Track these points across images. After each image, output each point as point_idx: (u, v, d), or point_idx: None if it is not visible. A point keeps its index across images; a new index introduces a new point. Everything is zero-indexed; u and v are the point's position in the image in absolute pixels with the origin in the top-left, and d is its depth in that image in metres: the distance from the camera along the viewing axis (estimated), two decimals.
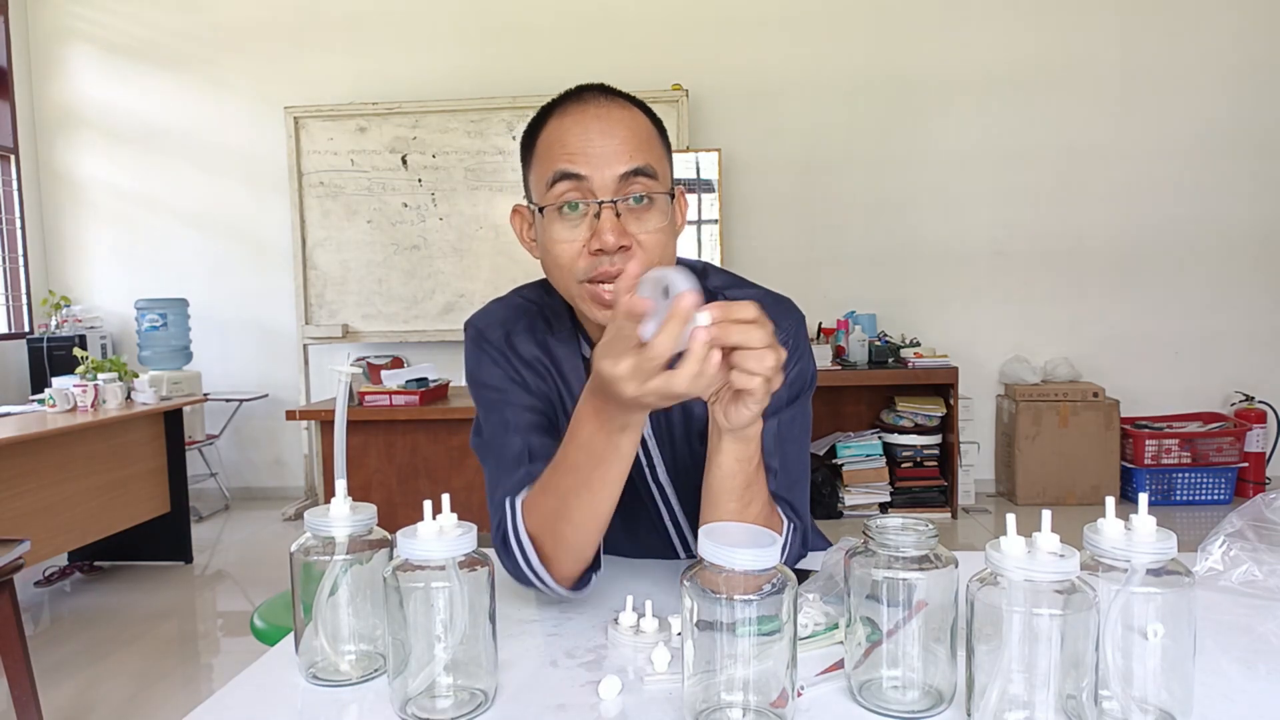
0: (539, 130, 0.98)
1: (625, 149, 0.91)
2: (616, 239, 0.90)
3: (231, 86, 5.08)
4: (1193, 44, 4.65)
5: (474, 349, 1.08)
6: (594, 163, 0.91)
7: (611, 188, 0.91)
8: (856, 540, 0.77)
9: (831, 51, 4.80)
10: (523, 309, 1.10)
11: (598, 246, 0.90)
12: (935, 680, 0.72)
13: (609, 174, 0.91)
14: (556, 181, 0.92)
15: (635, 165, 0.91)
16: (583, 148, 0.91)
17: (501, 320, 1.08)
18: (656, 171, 0.93)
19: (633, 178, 0.92)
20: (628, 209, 0.92)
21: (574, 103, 0.95)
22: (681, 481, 1.11)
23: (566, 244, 0.93)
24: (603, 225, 0.90)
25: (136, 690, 2.62)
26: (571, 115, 0.94)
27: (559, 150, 0.92)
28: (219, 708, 0.76)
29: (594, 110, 0.93)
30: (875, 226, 4.83)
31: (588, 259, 0.92)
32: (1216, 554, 0.99)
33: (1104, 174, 4.73)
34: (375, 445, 3.36)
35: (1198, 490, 4.49)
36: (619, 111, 0.94)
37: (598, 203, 0.91)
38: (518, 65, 4.90)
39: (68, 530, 3.29)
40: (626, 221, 0.91)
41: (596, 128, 0.92)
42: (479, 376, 1.07)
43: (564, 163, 0.91)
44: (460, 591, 0.71)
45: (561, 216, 0.93)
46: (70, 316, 5.06)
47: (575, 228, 0.93)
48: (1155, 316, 4.77)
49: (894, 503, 4.40)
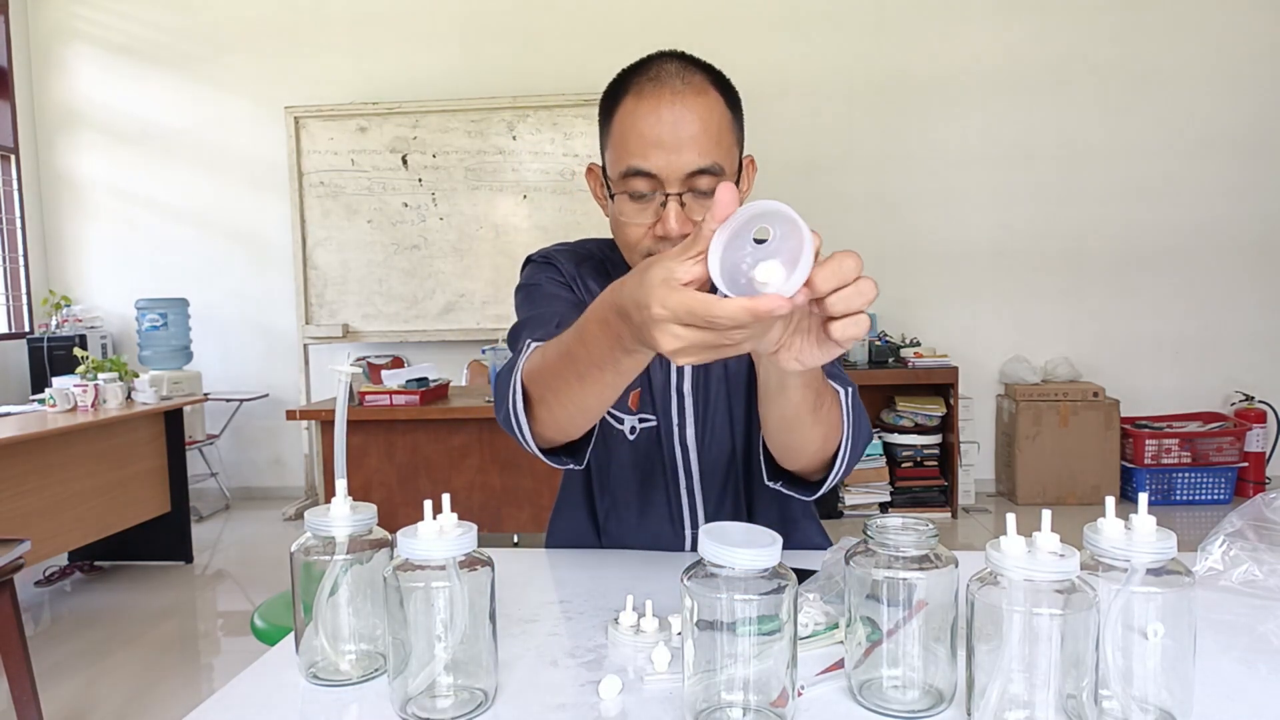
0: (616, 102, 1.00)
1: (696, 144, 0.95)
2: (680, 227, 0.95)
3: (231, 86, 5.08)
4: (1193, 44, 4.66)
5: (537, 270, 1.14)
6: (664, 157, 0.95)
7: (678, 181, 0.95)
8: (856, 540, 0.77)
9: (831, 51, 4.80)
10: (592, 254, 1.17)
11: (661, 233, 0.96)
12: (935, 680, 0.72)
13: (678, 169, 0.95)
14: (628, 175, 0.97)
15: (702, 164, 0.95)
16: (656, 139, 0.95)
17: (573, 256, 1.16)
18: (724, 168, 0.97)
19: (700, 175, 0.95)
20: (692, 198, 0.96)
21: (651, 83, 0.97)
22: (705, 446, 1.14)
23: (634, 226, 0.99)
24: (668, 214, 0.95)
25: (136, 690, 2.62)
26: (648, 99, 0.96)
27: (634, 140, 0.96)
28: (219, 708, 0.76)
29: (669, 96, 0.96)
30: (875, 226, 4.83)
31: (652, 240, 0.98)
32: (1216, 554, 0.99)
33: (1104, 174, 4.73)
34: (375, 445, 3.36)
35: (1198, 490, 4.49)
36: (692, 96, 0.96)
37: (665, 194, 0.96)
38: (518, 65, 4.90)
39: (68, 530, 3.29)
40: (691, 210, 0.96)
41: (669, 118, 0.95)
42: (536, 281, 1.12)
43: (637, 159, 0.96)
44: (460, 591, 0.71)
45: (631, 200, 0.98)
46: (70, 316, 5.06)
47: (642, 212, 0.98)
48: (1155, 316, 4.77)
49: (894, 502, 4.40)
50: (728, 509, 1.18)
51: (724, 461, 1.17)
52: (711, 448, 1.15)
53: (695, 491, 1.17)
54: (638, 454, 1.18)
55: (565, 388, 0.86)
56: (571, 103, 4.68)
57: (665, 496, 1.18)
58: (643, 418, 1.16)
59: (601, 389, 0.83)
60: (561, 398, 0.88)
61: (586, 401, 0.87)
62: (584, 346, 0.79)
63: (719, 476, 1.17)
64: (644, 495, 1.18)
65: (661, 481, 1.17)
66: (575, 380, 0.84)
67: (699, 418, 1.14)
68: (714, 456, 1.16)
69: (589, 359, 0.79)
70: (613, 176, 1.00)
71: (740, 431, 1.16)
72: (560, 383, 0.86)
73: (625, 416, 1.16)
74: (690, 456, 1.15)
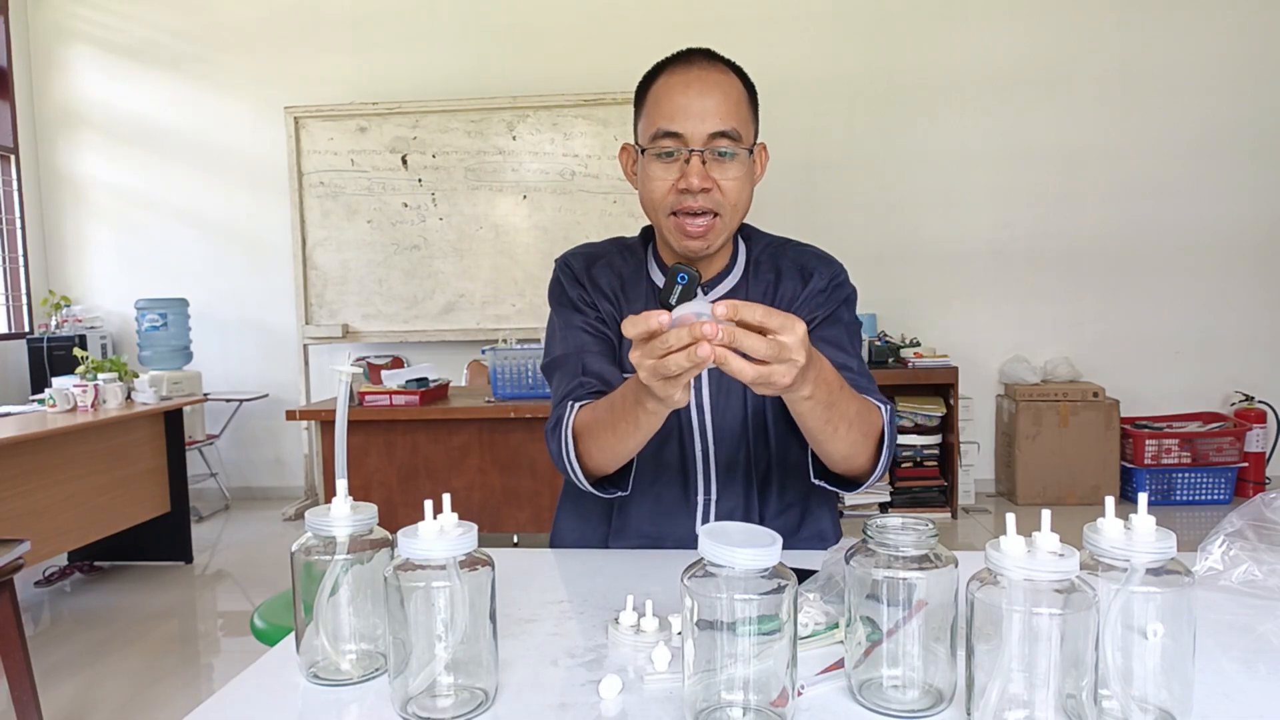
0: (650, 84, 1.15)
1: (718, 111, 1.10)
2: (700, 181, 1.09)
3: (231, 86, 5.08)
4: (1193, 44, 4.66)
5: (555, 289, 1.29)
6: (690, 121, 1.10)
7: (701, 141, 1.10)
8: (856, 540, 0.77)
9: (831, 51, 4.80)
10: (609, 246, 1.31)
11: (684, 186, 1.10)
12: (935, 680, 0.72)
13: (701, 130, 1.10)
14: (658, 137, 1.11)
15: (723, 128, 1.10)
16: (683, 106, 1.10)
17: (588, 253, 1.29)
18: (741, 135, 1.11)
19: (720, 137, 1.10)
20: (713, 159, 1.11)
21: (681, 65, 1.13)
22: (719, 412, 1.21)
23: (660, 181, 1.13)
24: (690, 169, 1.10)
25: (136, 690, 2.62)
26: (678, 75, 1.12)
27: (665, 106, 1.11)
28: (219, 708, 0.76)
29: (696, 73, 1.12)
30: (875, 226, 4.83)
31: (675, 194, 1.12)
32: (1216, 554, 0.99)
33: (1104, 174, 4.73)
34: (375, 445, 3.36)
35: (1197, 490, 4.49)
36: (716, 75, 1.12)
37: (689, 150, 1.10)
38: (518, 65, 4.90)
39: (68, 530, 3.29)
40: (711, 169, 1.11)
41: (696, 89, 1.11)
42: (556, 300, 1.28)
43: (665, 122, 1.11)
44: (461, 591, 0.71)
45: (659, 160, 1.13)
46: (70, 316, 5.06)
47: (668, 169, 1.12)
48: (1155, 316, 4.77)
49: (894, 502, 4.40)
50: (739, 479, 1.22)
51: (737, 428, 1.21)
52: (725, 414, 1.21)
53: (710, 455, 1.21)
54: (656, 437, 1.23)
55: (604, 437, 1.07)
56: (571, 103, 4.69)
57: (680, 459, 1.22)
58: None
59: (627, 438, 1.04)
60: (601, 444, 1.08)
61: (618, 448, 1.07)
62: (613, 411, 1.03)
63: (730, 444, 1.22)
64: (657, 458, 1.22)
65: (676, 444, 1.22)
66: (609, 432, 1.05)
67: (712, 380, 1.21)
68: (727, 423, 1.21)
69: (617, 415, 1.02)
70: (644, 142, 1.14)
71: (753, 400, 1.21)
72: (600, 434, 1.07)
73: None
74: (705, 418, 1.21)
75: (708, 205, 1.11)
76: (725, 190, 1.11)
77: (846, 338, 1.21)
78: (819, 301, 1.21)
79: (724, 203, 1.11)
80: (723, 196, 1.11)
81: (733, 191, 1.12)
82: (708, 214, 1.12)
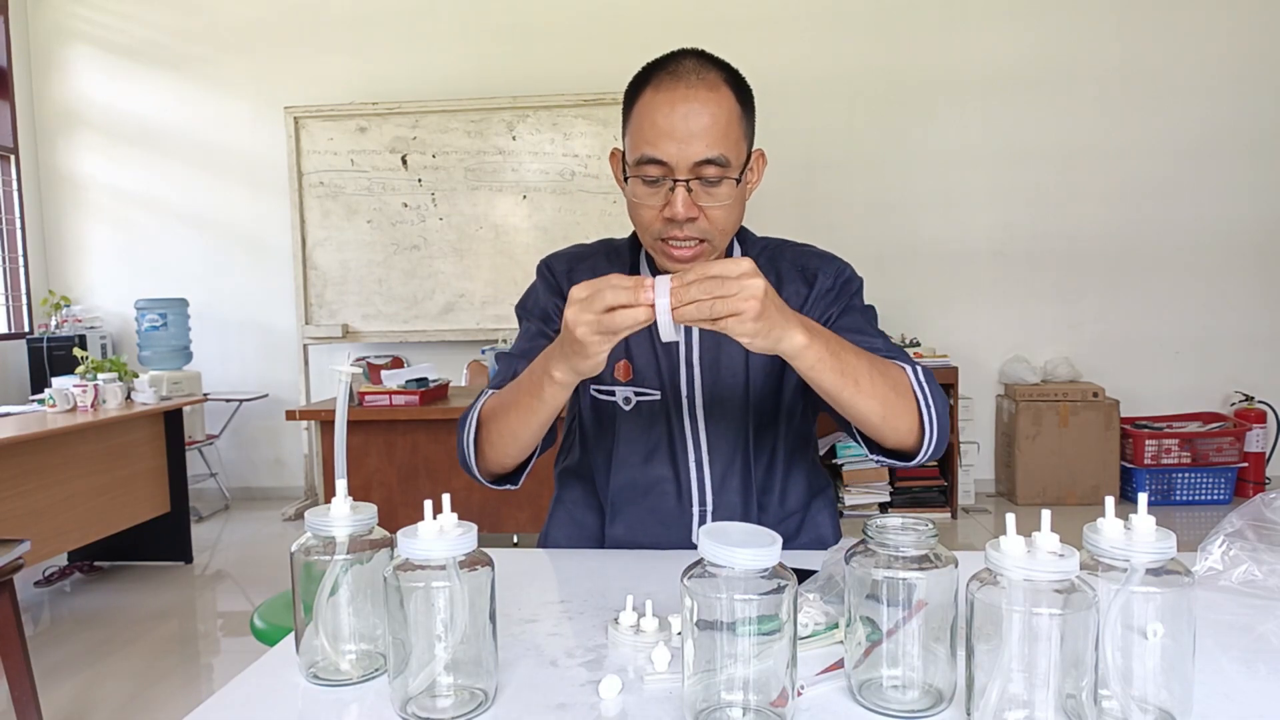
0: (637, 95, 1.09)
1: (705, 136, 1.03)
2: (686, 212, 1.05)
3: (231, 86, 5.08)
4: (1192, 44, 4.66)
5: (534, 284, 1.27)
6: (675, 147, 1.04)
7: (687, 169, 1.04)
8: (856, 540, 0.77)
9: (831, 51, 4.80)
10: (595, 249, 1.28)
11: (669, 215, 1.06)
12: (935, 680, 0.72)
13: (687, 158, 1.04)
14: (642, 162, 1.06)
15: (709, 155, 1.04)
16: (669, 129, 1.04)
17: (571, 256, 1.27)
18: (729, 160, 1.05)
19: (707, 165, 1.04)
20: (699, 185, 1.05)
21: (668, 79, 1.06)
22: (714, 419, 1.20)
23: (647, 208, 1.09)
24: (675, 199, 1.05)
25: (136, 690, 2.62)
26: (664, 93, 1.05)
27: (649, 130, 1.05)
28: (219, 708, 0.76)
29: (683, 90, 1.04)
30: (875, 226, 4.83)
31: (662, 222, 1.08)
32: (1216, 554, 0.99)
33: (1104, 174, 4.73)
34: (375, 445, 3.36)
35: (1197, 490, 4.49)
36: (704, 92, 1.05)
37: (673, 180, 1.05)
38: (517, 65, 4.90)
39: (68, 530, 3.28)
40: (698, 196, 1.06)
41: (682, 110, 1.04)
42: (525, 303, 1.27)
43: (648, 147, 1.05)
44: (461, 591, 0.71)
45: (644, 184, 1.08)
46: (70, 316, 5.06)
47: (654, 195, 1.07)
48: (1155, 316, 4.77)
49: (894, 502, 4.40)
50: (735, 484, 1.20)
51: (732, 436, 1.20)
52: (720, 421, 1.19)
53: (704, 464, 1.20)
54: (639, 426, 1.21)
55: (505, 417, 1.06)
56: (571, 103, 4.69)
57: (673, 471, 1.20)
58: (640, 391, 1.20)
59: (530, 416, 1.02)
60: (501, 426, 1.07)
61: (519, 430, 1.05)
62: (518, 389, 1.02)
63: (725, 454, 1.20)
64: (649, 469, 1.20)
65: (668, 454, 1.20)
66: (512, 411, 1.04)
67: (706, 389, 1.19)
68: (722, 430, 1.20)
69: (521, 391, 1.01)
70: (630, 162, 1.09)
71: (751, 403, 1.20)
72: (502, 415, 1.07)
73: (616, 388, 1.21)
74: (699, 428, 1.20)
75: (694, 234, 1.08)
76: (713, 218, 1.07)
77: (864, 321, 1.20)
78: (829, 301, 1.20)
79: (711, 230, 1.08)
80: (710, 225, 1.07)
81: (720, 219, 1.08)
82: (695, 240, 1.09)
